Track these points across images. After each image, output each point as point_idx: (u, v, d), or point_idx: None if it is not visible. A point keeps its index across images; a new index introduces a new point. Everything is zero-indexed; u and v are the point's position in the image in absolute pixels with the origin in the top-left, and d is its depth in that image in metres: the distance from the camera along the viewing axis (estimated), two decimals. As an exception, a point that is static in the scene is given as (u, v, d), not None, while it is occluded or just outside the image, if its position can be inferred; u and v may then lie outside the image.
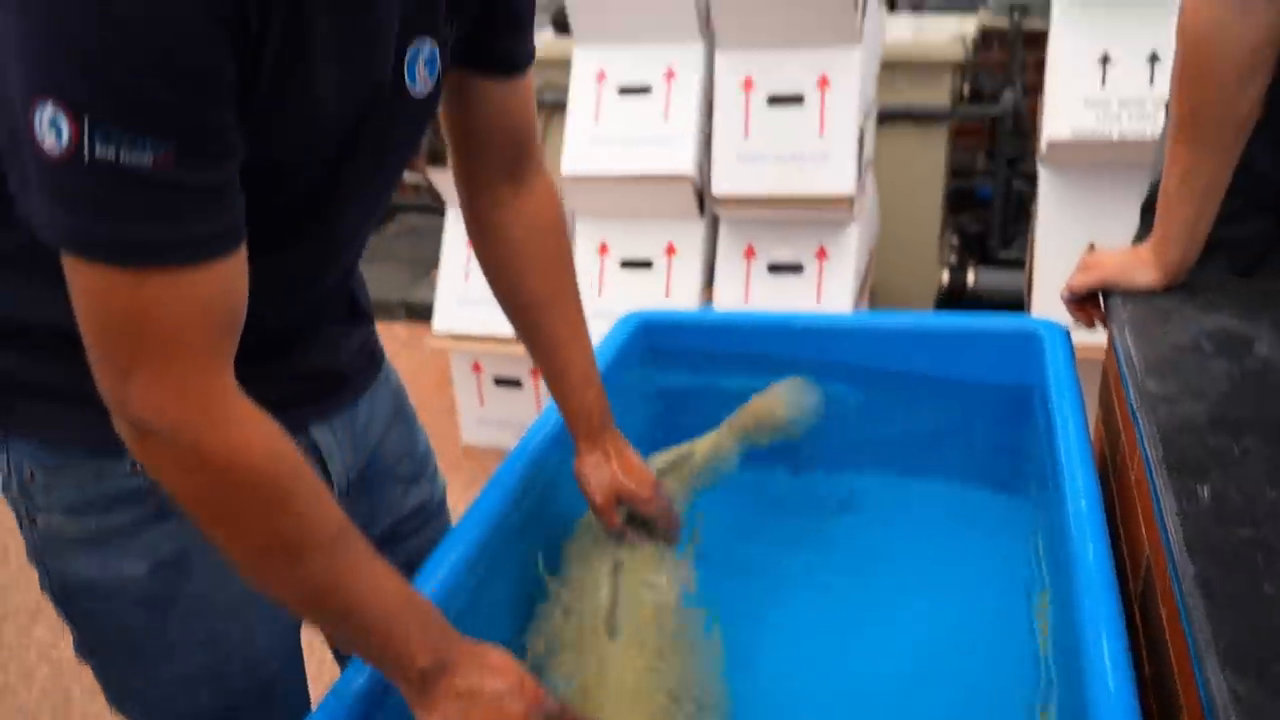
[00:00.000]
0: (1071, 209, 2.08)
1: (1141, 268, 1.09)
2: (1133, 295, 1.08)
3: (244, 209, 0.72)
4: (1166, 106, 1.09)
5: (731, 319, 1.55)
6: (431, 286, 2.81)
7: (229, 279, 0.71)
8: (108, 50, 0.61)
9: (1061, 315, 1.27)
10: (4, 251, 0.80)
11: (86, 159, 0.62)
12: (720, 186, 2.24)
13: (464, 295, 2.55)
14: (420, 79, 0.85)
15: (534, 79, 1.02)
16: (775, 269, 2.32)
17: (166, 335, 0.68)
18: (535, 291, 1.07)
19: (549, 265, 1.07)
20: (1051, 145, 2.05)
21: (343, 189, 0.86)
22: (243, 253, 0.72)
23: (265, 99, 0.72)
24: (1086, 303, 1.18)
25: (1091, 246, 1.88)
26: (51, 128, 0.62)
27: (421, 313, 3.30)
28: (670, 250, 2.39)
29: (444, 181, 2.63)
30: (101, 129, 0.62)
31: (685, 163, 2.25)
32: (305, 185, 0.83)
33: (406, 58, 0.83)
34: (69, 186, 0.64)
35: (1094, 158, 2.05)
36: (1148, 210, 1.20)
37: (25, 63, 0.62)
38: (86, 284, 0.67)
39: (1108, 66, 2.01)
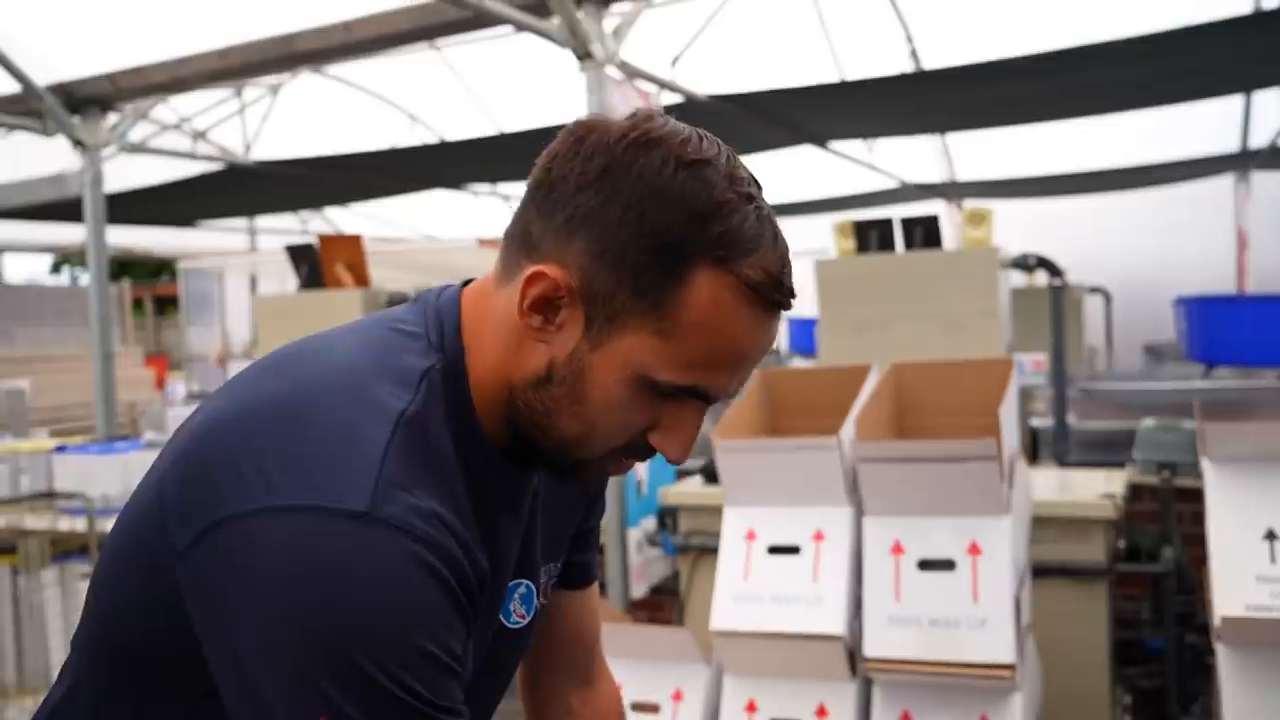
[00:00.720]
0: (1259, 691, 1.93)
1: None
2: None
3: None
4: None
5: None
6: None
7: None
8: (377, 667, 0.69)
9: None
10: None
11: None
12: (872, 649, 2.19)
13: None
14: (515, 614, 0.94)
15: (684, 524, 1.15)
16: (934, 738, 2.19)
17: None
18: None
19: None
20: (1226, 621, 1.96)
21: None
22: None
23: None
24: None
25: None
26: None
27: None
28: (821, 712, 2.30)
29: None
30: None
31: (836, 623, 2.23)
32: None
33: (506, 599, 0.93)
34: None
35: (1276, 637, 1.93)
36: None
37: (298, 690, 0.69)
38: None
39: (1275, 544, 1.96)
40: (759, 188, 0.80)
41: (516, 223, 0.83)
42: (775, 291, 0.78)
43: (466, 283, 0.89)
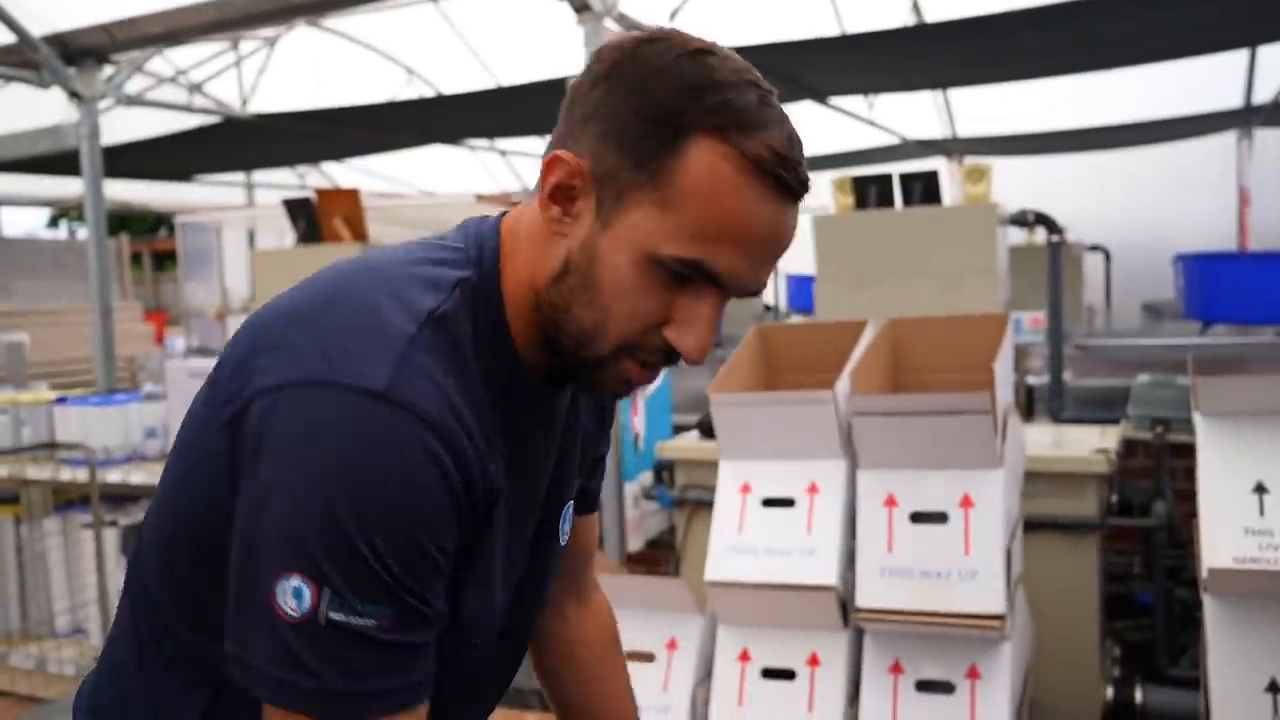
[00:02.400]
0: (1245, 643, 1.96)
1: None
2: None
3: (434, 668, 0.81)
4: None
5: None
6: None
7: None
8: (368, 543, 0.73)
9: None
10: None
11: (322, 621, 0.73)
12: (864, 599, 2.23)
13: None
14: (564, 534, 1.03)
15: (680, 478, 1.20)
16: (924, 686, 2.23)
17: None
18: (597, 702, 1.19)
19: (613, 681, 1.21)
20: (1213, 573, 1.98)
21: (506, 632, 0.97)
22: (424, 709, 0.81)
23: (463, 573, 0.84)
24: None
25: (1273, 691, 1.75)
26: (295, 595, 0.73)
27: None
28: (813, 661, 2.34)
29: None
30: (340, 599, 0.73)
31: (829, 574, 2.26)
32: (480, 650, 0.92)
33: (560, 519, 1.01)
34: (296, 643, 0.73)
35: (1262, 588, 1.96)
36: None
37: (279, 541, 0.74)
38: None
39: (1264, 496, 1.98)
40: (772, 90, 0.82)
41: (552, 137, 0.86)
42: (779, 166, 0.78)
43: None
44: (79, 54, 4.44)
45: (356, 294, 0.81)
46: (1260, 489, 2.01)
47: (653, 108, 0.78)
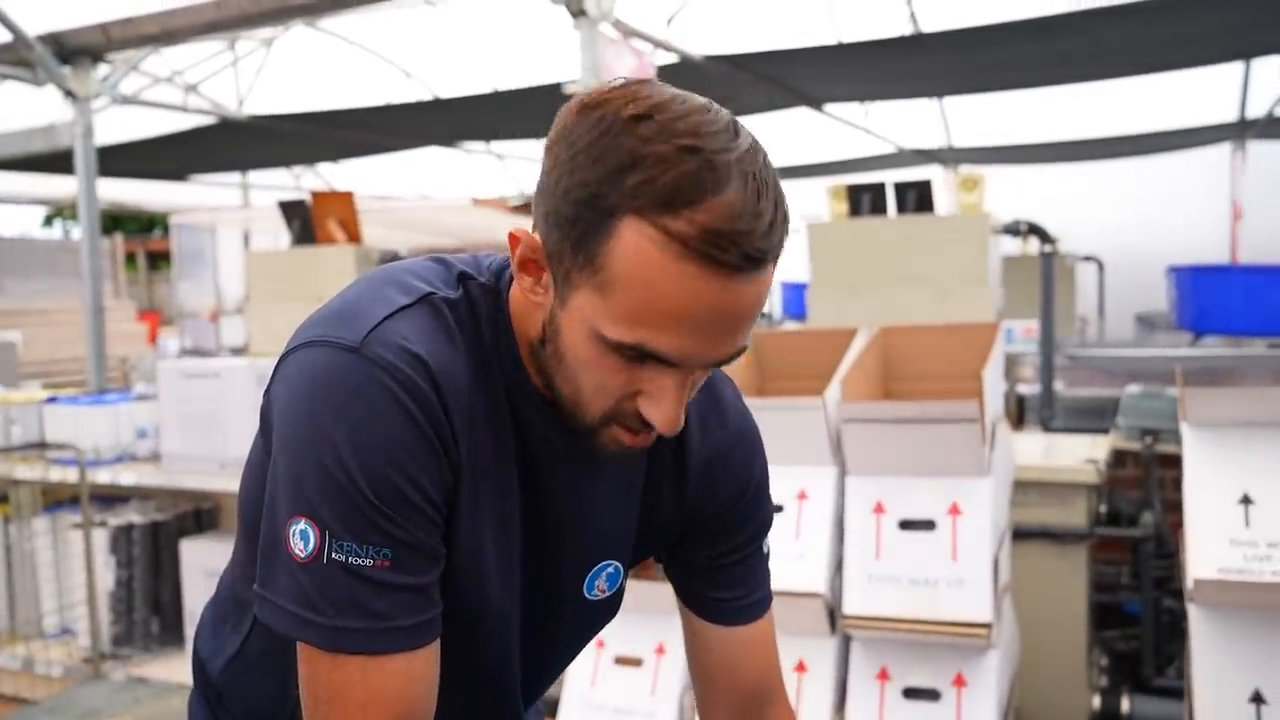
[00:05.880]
0: (1230, 654, 1.97)
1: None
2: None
3: (439, 617, 0.86)
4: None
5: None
6: (560, 682, 2.79)
7: (414, 672, 0.83)
8: (350, 483, 0.80)
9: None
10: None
11: (325, 560, 0.80)
12: (852, 606, 2.23)
13: (591, 700, 2.51)
14: (598, 590, 1.03)
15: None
16: (910, 694, 2.23)
17: (351, 713, 0.81)
18: None
19: None
20: (1198, 584, 1.99)
21: (526, 659, 1.00)
22: (430, 654, 0.85)
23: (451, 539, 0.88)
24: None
25: (1257, 703, 1.75)
26: (302, 537, 0.81)
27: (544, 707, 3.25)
28: (800, 667, 2.34)
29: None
30: (338, 540, 0.80)
31: (817, 580, 2.26)
32: (493, 641, 0.95)
33: (590, 575, 1.01)
34: (305, 582, 0.81)
35: (1247, 599, 1.96)
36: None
37: (289, 489, 0.82)
38: (301, 663, 0.84)
39: (1250, 508, 1.99)
40: (731, 137, 0.76)
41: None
42: (710, 245, 0.73)
43: None
44: (74, 53, 4.44)
45: (367, 281, 0.91)
46: (1246, 500, 2.01)
47: (581, 189, 0.76)
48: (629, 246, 0.75)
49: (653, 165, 0.74)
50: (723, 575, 1.05)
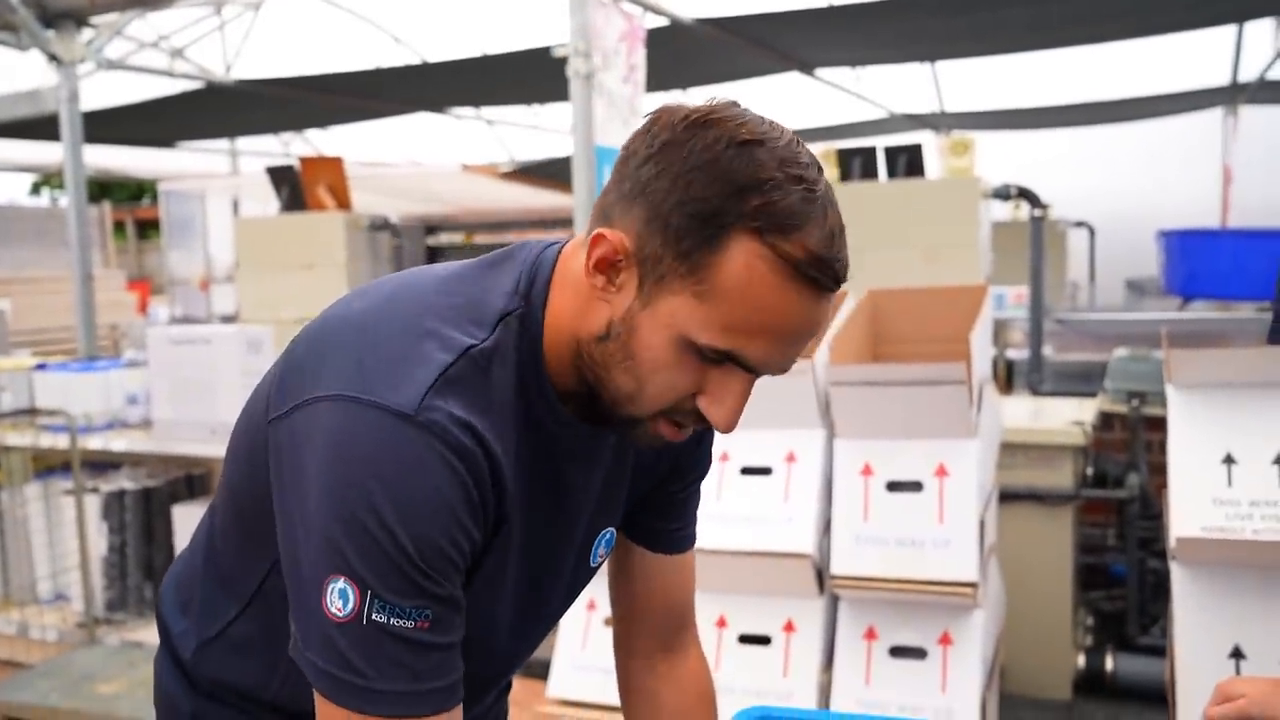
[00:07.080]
0: (1211, 610, 2.00)
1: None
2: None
3: (463, 669, 0.87)
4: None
5: (851, 723, 1.51)
6: (549, 645, 2.82)
7: None
8: (398, 549, 0.81)
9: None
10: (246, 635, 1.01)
11: (365, 621, 0.81)
12: (839, 566, 2.25)
13: (581, 661, 2.54)
14: (599, 557, 1.06)
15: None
16: (897, 652, 2.26)
17: None
18: None
19: None
20: (1181, 542, 2.01)
21: (517, 627, 1.02)
22: (459, 711, 0.86)
23: (469, 584, 0.89)
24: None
25: (1237, 658, 1.78)
26: (340, 596, 0.81)
27: (537, 669, 3.28)
28: (789, 627, 2.37)
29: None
30: (379, 600, 0.81)
31: (805, 542, 2.28)
32: (493, 649, 0.99)
33: (594, 543, 1.04)
34: (343, 643, 0.81)
35: (1228, 556, 1.99)
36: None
37: (322, 544, 0.82)
38: (323, 717, 0.83)
39: (1233, 467, 2.01)
40: (818, 170, 0.84)
41: (603, 193, 0.89)
42: (814, 269, 0.80)
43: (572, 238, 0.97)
44: (58, 16, 4.38)
45: (404, 317, 0.88)
46: (1229, 460, 2.04)
47: (697, 204, 0.80)
48: (739, 262, 0.80)
49: (771, 190, 0.79)
50: (672, 509, 1.12)
